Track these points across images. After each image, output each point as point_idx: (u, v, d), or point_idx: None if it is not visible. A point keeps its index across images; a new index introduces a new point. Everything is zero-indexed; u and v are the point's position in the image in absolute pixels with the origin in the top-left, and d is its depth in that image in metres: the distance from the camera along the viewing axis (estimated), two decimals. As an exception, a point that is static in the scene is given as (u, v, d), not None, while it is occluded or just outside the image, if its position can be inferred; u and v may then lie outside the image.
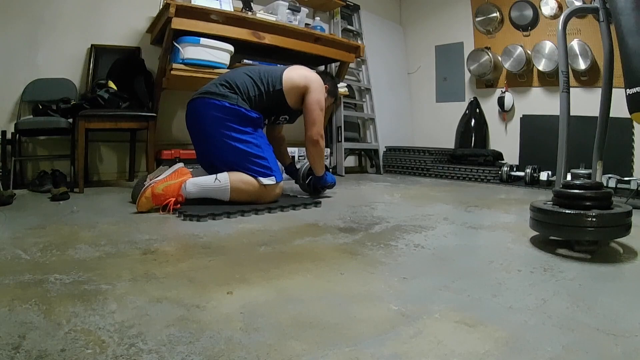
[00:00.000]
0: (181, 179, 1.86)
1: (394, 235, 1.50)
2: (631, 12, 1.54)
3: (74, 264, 1.11)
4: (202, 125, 2.01)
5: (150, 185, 1.80)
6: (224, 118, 1.95)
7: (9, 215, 1.77)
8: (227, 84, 2.01)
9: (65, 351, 0.67)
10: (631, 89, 1.60)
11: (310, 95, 2.11)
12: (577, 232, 1.24)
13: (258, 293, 0.94)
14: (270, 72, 2.09)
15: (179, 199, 1.84)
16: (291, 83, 2.08)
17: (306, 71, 2.18)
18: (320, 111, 2.13)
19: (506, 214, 1.98)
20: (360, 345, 0.71)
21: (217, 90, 1.99)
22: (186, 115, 2.11)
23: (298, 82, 2.10)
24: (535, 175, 3.12)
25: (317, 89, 2.13)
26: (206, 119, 1.98)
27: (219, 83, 2.03)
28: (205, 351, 0.68)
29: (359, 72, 4.27)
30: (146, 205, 1.80)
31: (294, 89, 2.09)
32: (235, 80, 2.02)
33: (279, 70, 2.12)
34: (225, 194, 1.91)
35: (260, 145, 2.00)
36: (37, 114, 2.45)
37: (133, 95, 2.65)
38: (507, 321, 0.81)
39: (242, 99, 1.99)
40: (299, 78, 2.10)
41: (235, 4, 2.92)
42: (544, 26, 3.66)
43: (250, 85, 2.02)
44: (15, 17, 2.55)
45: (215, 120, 1.96)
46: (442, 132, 4.34)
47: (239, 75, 2.07)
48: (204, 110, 1.98)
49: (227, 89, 2.00)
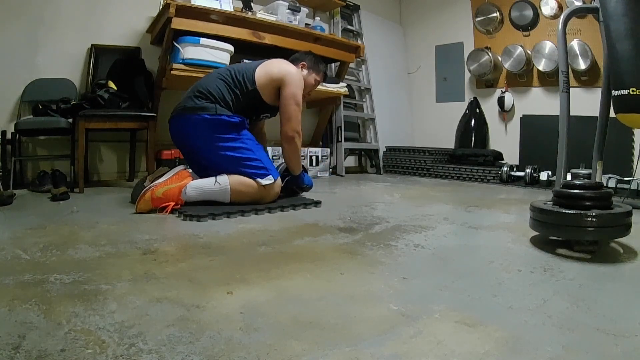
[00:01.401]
0: (181, 183, 1.86)
1: (394, 235, 1.50)
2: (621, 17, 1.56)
3: (74, 264, 1.11)
4: (187, 141, 2.00)
5: (150, 189, 1.80)
6: (207, 131, 1.92)
7: (9, 215, 1.77)
8: (201, 94, 1.96)
9: (65, 351, 0.67)
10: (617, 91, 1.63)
11: (286, 90, 1.99)
12: (577, 232, 1.24)
13: (258, 293, 0.94)
14: (243, 71, 2.01)
15: (179, 203, 1.84)
16: (264, 79, 1.99)
17: (280, 64, 2.06)
18: (296, 106, 2.01)
19: (506, 214, 1.98)
20: (360, 345, 0.71)
21: (194, 104, 1.94)
22: (170, 132, 2.07)
23: (271, 77, 2.00)
24: (535, 175, 3.12)
25: (293, 82, 2.00)
26: (189, 136, 1.96)
27: (193, 96, 1.97)
28: (205, 351, 0.68)
29: (359, 72, 4.27)
30: (145, 208, 1.80)
31: (267, 84, 2.00)
32: (209, 87, 1.96)
33: (251, 68, 2.02)
34: (225, 196, 1.90)
35: (250, 148, 1.97)
36: (37, 114, 2.45)
37: (133, 95, 2.65)
38: (507, 321, 0.81)
39: (220, 106, 1.93)
40: (272, 72, 2.00)
41: (235, 4, 2.92)
42: (544, 26, 3.66)
43: (225, 90, 1.96)
44: (15, 17, 2.55)
45: (199, 135, 1.93)
46: (442, 132, 4.34)
47: (212, 81, 2.00)
48: (186, 128, 1.96)
49: (202, 99, 1.94)
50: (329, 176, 3.62)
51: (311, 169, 3.50)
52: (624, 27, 1.57)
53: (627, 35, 1.57)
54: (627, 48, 1.58)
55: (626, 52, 1.58)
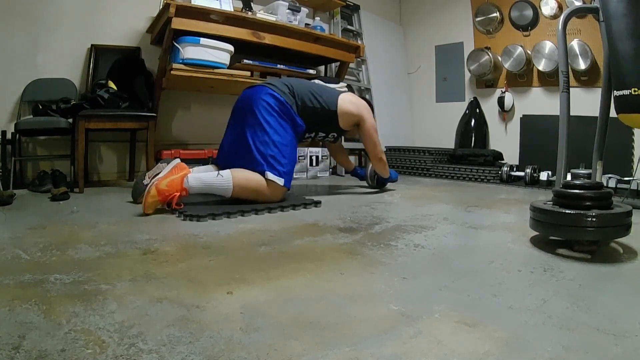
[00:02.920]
0: (182, 173, 1.86)
1: (394, 235, 1.50)
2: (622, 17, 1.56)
3: (74, 264, 1.11)
4: (251, 104, 2.07)
5: (153, 184, 1.78)
6: (274, 108, 2.05)
7: (9, 215, 1.77)
8: (289, 86, 2.16)
9: (65, 351, 0.67)
10: (618, 91, 1.63)
11: (366, 124, 2.35)
12: (577, 232, 1.24)
13: (258, 293, 0.94)
14: (327, 93, 2.29)
15: (183, 193, 1.83)
16: (345, 109, 2.28)
17: (357, 99, 2.40)
18: (376, 133, 2.40)
19: (506, 214, 1.98)
20: (360, 345, 0.71)
21: (280, 86, 2.13)
22: (238, 98, 2.21)
23: (352, 111, 2.30)
24: (535, 175, 3.12)
25: (370, 116, 2.37)
26: (259, 101, 2.06)
27: (283, 82, 2.19)
28: (205, 351, 0.68)
29: (359, 72, 4.27)
30: (153, 205, 1.78)
31: (347, 115, 2.29)
32: (297, 88, 2.18)
33: (334, 94, 2.32)
34: (227, 189, 1.90)
35: (289, 146, 2.06)
36: (37, 114, 2.45)
37: (133, 95, 2.65)
38: (507, 321, 0.81)
39: (296, 105, 2.14)
40: (352, 107, 2.31)
41: (235, 4, 2.92)
42: (544, 26, 3.66)
43: (307, 97, 2.18)
44: (15, 17, 2.55)
45: (267, 105, 2.04)
46: (442, 132, 4.34)
47: (301, 86, 2.23)
48: (261, 94, 2.08)
49: (288, 90, 2.14)
50: (329, 176, 3.62)
51: (311, 169, 3.51)
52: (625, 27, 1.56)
53: (629, 35, 1.56)
54: (628, 48, 1.57)
55: (627, 52, 1.57)
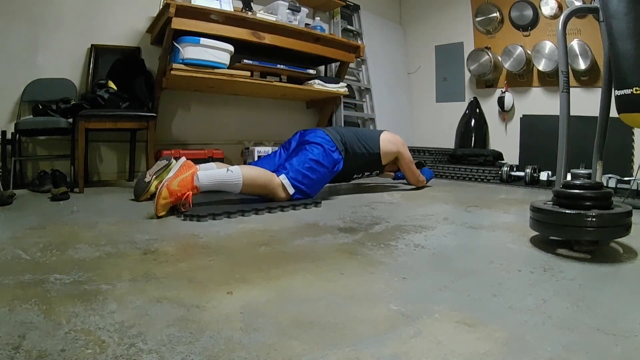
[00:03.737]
0: (192, 171, 1.83)
1: (394, 235, 1.50)
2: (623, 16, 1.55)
3: (74, 264, 1.11)
4: (305, 138, 2.27)
5: (164, 185, 1.73)
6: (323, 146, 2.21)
7: (9, 215, 1.77)
8: (341, 135, 2.34)
9: (65, 351, 0.67)
10: (619, 90, 1.62)
11: (405, 158, 2.65)
12: (577, 232, 1.24)
13: (258, 293, 0.94)
14: (370, 137, 2.53)
15: (195, 191, 1.81)
16: (387, 150, 2.55)
17: (394, 138, 2.64)
18: (412, 164, 2.74)
19: (506, 214, 1.98)
20: (360, 345, 0.71)
21: (333, 134, 2.31)
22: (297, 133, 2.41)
23: (392, 150, 2.58)
24: (535, 175, 3.12)
25: (406, 151, 2.66)
26: (312, 137, 2.25)
27: (336, 131, 2.37)
28: (205, 351, 0.68)
29: (359, 72, 4.27)
30: (166, 206, 1.74)
31: (389, 154, 2.57)
32: (347, 138, 2.37)
33: (376, 136, 2.56)
34: (237, 185, 1.90)
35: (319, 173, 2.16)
36: (37, 114, 2.45)
37: (133, 95, 2.65)
38: (507, 321, 0.81)
39: (345, 152, 2.31)
40: (392, 146, 2.58)
41: (235, 4, 2.92)
42: (544, 26, 3.66)
43: (356, 145, 2.40)
44: (16, 17, 2.55)
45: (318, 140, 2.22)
46: (442, 132, 4.34)
47: (350, 134, 2.43)
48: (316, 132, 2.30)
49: (340, 139, 2.32)
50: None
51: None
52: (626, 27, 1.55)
53: (630, 35, 1.56)
54: (629, 47, 1.56)
55: (629, 52, 1.57)
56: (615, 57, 1.62)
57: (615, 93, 1.65)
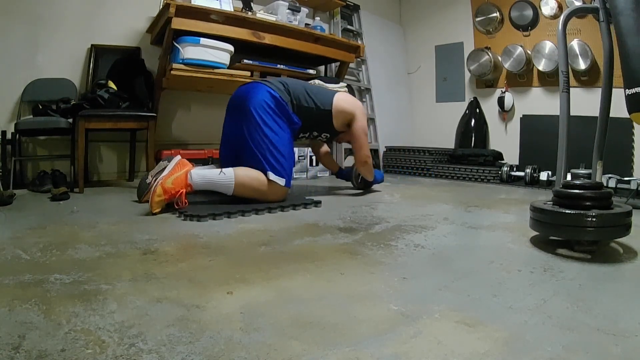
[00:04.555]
0: (186, 169, 1.86)
1: (394, 235, 1.50)
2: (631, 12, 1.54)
3: (74, 264, 1.11)
4: (247, 102, 2.05)
5: (158, 183, 1.78)
6: (270, 106, 2.03)
7: (9, 215, 1.77)
8: (284, 84, 2.16)
9: (65, 351, 0.67)
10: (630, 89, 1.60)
11: (357, 123, 2.31)
12: (577, 232, 1.24)
13: (258, 293, 0.94)
14: (322, 93, 2.29)
15: (188, 189, 1.83)
16: (340, 108, 2.27)
17: (354, 101, 2.38)
18: (365, 136, 2.37)
19: (506, 214, 1.98)
20: (360, 345, 0.71)
21: (275, 84, 2.12)
22: (233, 95, 2.20)
23: (346, 109, 2.29)
24: (535, 175, 3.12)
25: (363, 117, 2.35)
26: (254, 98, 2.04)
27: (279, 80, 2.18)
28: (205, 351, 0.68)
29: (359, 72, 4.27)
30: (160, 204, 1.78)
31: (341, 113, 2.28)
32: (292, 86, 2.17)
33: (330, 93, 2.32)
34: (229, 187, 1.91)
35: (287, 146, 2.06)
36: (37, 114, 2.45)
37: (133, 95, 2.65)
38: (507, 321, 0.81)
39: (291, 103, 2.13)
40: (347, 105, 2.30)
41: (235, 4, 2.92)
42: (544, 26, 3.66)
43: (303, 97, 2.18)
44: (16, 17, 2.55)
45: (262, 103, 2.03)
46: (442, 132, 4.34)
47: (297, 84, 2.23)
48: (256, 91, 2.07)
49: (284, 87, 2.13)
50: (329, 176, 3.62)
51: (311, 169, 3.51)
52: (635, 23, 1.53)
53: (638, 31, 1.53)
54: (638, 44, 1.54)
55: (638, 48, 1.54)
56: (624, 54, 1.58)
57: (626, 92, 1.60)
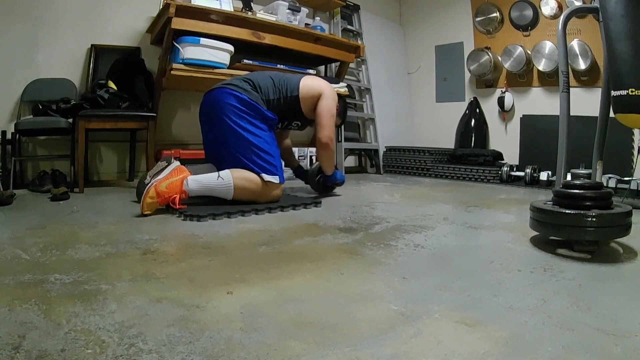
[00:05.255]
0: (182, 176, 1.86)
1: (394, 235, 1.50)
2: (620, 17, 1.56)
3: (74, 264, 1.11)
4: (217, 111, 2.03)
5: (152, 185, 1.78)
6: (241, 109, 2.00)
7: (9, 215, 1.77)
8: (250, 82, 2.09)
9: (65, 351, 0.67)
10: (616, 91, 1.64)
11: (322, 102, 2.19)
12: (577, 232, 1.24)
13: (258, 293, 0.94)
14: (288, 79, 2.20)
15: (182, 196, 1.83)
16: (307, 90, 2.17)
17: (321, 81, 2.28)
18: (330, 117, 2.21)
19: (506, 214, 1.98)
20: (360, 345, 0.71)
21: (240, 84, 2.06)
22: (201, 104, 2.16)
23: (313, 91, 2.19)
24: (535, 175, 3.12)
25: (330, 97, 2.22)
26: (224, 107, 2.01)
27: (242, 79, 2.11)
28: (205, 351, 0.68)
29: (359, 72, 4.27)
30: (152, 206, 1.77)
31: (308, 96, 2.18)
32: (259, 81, 2.11)
33: (296, 78, 2.22)
34: (228, 192, 1.90)
35: (270, 143, 2.04)
36: (37, 114, 2.45)
37: (133, 95, 2.65)
38: (507, 321, 0.81)
39: (261, 99, 2.07)
40: (314, 86, 2.20)
41: (235, 4, 2.92)
42: (544, 26, 3.66)
43: (271, 89, 2.11)
44: (16, 17, 2.55)
45: (233, 109, 1.99)
46: (442, 132, 4.34)
47: (262, 77, 2.16)
48: (224, 98, 2.02)
49: (250, 86, 2.07)
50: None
51: (311, 169, 3.50)
52: (623, 28, 1.57)
53: (627, 36, 1.57)
54: (626, 49, 1.58)
55: (625, 53, 1.58)
56: (612, 58, 1.64)
57: (612, 94, 1.66)
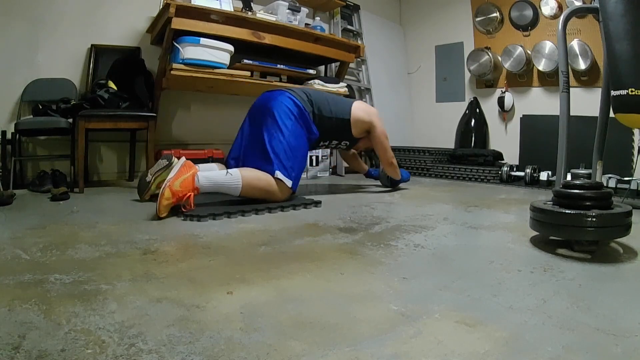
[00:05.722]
0: (192, 172, 1.83)
1: (394, 235, 1.50)
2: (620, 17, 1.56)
3: (74, 264, 1.11)
4: (270, 106, 2.12)
5: (167, 186, 1.73)
6: (293, 112, 2.10)
7: (9, 215, 1.77)
8: (307, 95, 2.24)
9: (65, 351, 0.67)
10: (616, 91, 1.64)
11: (376, 130, 2.43)
12: (577, 232, 1.24)
13: (258, 293, 0.94)
14: (341, 102, 2.40)
15: (195, 192, 1.81)
16: (357, 117, 2.37)
17: (370, 108, 2.51)
18: (386, 140, 2.48)
19: (506, 214, 1.98)
20: (360, 345, 0.71)
21: (299, 93, 2.21)
22: (256, 100, 2.25)
23: (363, 118, 2.39)
24: (535, 175, 3.12)
25: (380, 123, 2.45)
26: (279, 105, 2.11)
27: (302, 90, 2.27)
28: (205, 351, 0.68)
29: (359, 72, 4.27)
30: (168, 207, 1.73)
31: (359, 122, 2.38)
32: (315, 98, 2.26)
33: (348, 103, 2.42)
34: (237, 188, 1.90)
35: (302, 151, 2.11)
36: (37, 114, 2.45)
37: (133, 95, 2.65)
38: (507, 321, 0.81)
39: (312, 113, 2.21)
40: (364, 114, 2.40)
41: (235, 4, 2.92)
42: (544, 26, 3.66)
43: (325, 107, 2.27)
44: (16, 17, 2.55)
45: (285, 109, 2.09)
46: (442, 132, 4.34)
47: (319, 96, 2.32)
48: (281, 98, 2.14)
49: (306, 98, 2.22)
50: (328, 176, 3.62)
51: (311, 169, 3.51)
52: (623, 28, 1.57)
53: (626, 36, 1.57)
54: (625, 49, 1.58)
55: (625, 53, 1.58)
56: (611, 58, 1.64)
57: (612, 93, 1.66)
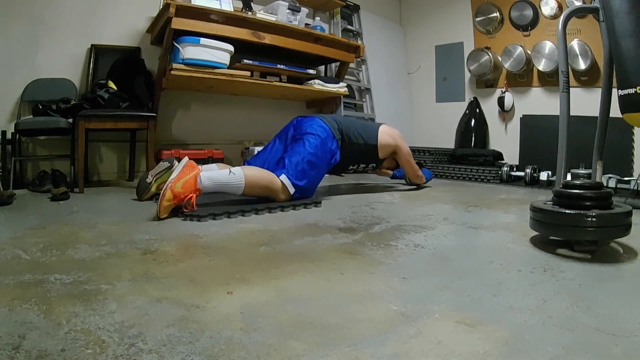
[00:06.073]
0: (194, 173, 1.82)
1: (394, 235, 1.50)
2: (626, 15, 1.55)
3: (74, 264, 1.11)
4: (302, 125, 2.25)
5: (168, 187, 1.71)
6: (320, 136, 2.18)
7: (9, 215, 1.77)
8: (338, 124, 2.33)
9: (65, 351, 0.67)
10: (623, 90, 1.62)
11: (402, 152, 2.62)
12: (577, 232, 1.24)
13: (258, 293, 0.94)
14: (368, 128, 2.54)
15: (197, 193, 1.80)
16: (384, 142, 2.52)
17: (392, 131, 2.63)
18: (411, 158, 2.70)
19: (506, 214, 1.98)
20: (360, 345, 0.71)
21: (330, 121, 2.30)
22: (288, 123, 2.38)
23: (389, 142, 2.55)
24: (535, 175, 3.12)
25: (404, 144, 2.63)
26: (310, 125, 2.22)
27: (333, 119, 2.36)
28: (205, 351, 0.68)
29: (359, 72, 4.27)
30: (168, 208, 1.72)
31: (386, 147, 2.54)
32: (346, 126, 2.36)
33: (374, 128, 2.56)
34: (239, 187, 1.90)
35: (319, 170, 2.17)
36: (37, 114, 2.45)
37: (133, 95, 2.65)
38: (507, 321, 0.81)
39: (342, 141, 2.30)
40: (390, 139, 2.55)
41: (235, 4, 2.92)
42: (544, 26, 3.66)
43: (354, 134, 2.38)
44: (16, 17, 2.55)
45: (315, 130, 2.20)
46: (442, 132, 4.34)
47: (348, 123, 2.44)
48: (314, 121, 2.25)
49: (337, 126, 2.31)
50: (328, 176, 3.62)
51: (311, 169, 3.50)
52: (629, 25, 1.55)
53: (633, 34, 1.55)
54: (632, 46, 1.55)
55: (632, 51, 1.56)
56: (618, 56, 1.62)
57: (619, 93, 1.64)
